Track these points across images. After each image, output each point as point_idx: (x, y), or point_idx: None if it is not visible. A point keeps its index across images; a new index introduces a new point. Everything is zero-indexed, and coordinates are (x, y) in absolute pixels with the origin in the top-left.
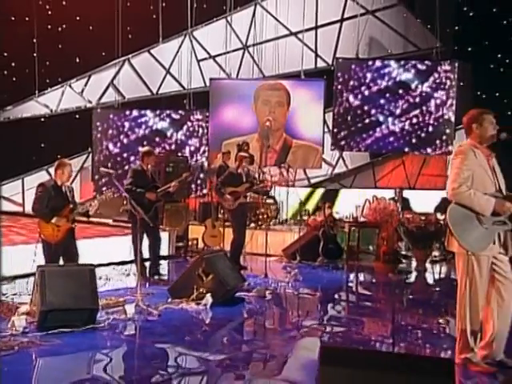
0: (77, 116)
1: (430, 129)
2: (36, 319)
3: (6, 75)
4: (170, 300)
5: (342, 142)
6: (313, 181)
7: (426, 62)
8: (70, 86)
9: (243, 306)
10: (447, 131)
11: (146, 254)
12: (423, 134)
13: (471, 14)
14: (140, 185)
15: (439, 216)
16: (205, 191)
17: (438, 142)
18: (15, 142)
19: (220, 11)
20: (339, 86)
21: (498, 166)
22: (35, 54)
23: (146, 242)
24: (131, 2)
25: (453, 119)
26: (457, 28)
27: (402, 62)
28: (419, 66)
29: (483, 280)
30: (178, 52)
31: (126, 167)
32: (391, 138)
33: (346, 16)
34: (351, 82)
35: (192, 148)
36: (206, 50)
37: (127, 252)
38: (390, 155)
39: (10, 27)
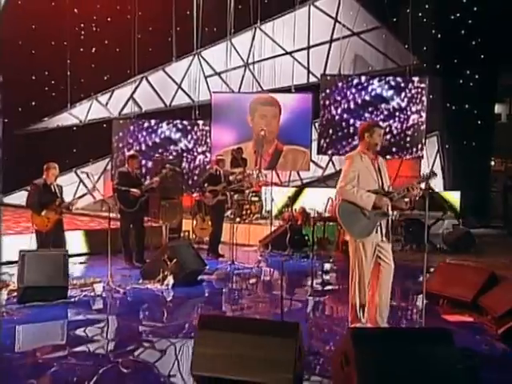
0: (104, 125)
1: (404, 136)
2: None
3: (47, 91)
4: (140, 281)
5: (327, 148)
6: (305, 181)
7: (400, 77)
8: (96, 99)
9: (201, 286)
10: (419, 138)
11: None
12: (401, 142)
13: (443, 36)
14: (126, 184)
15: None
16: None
17: (411, 147)
18: (51, 147)
19: (224, 34)
20: (324, 99)
21: (385, 168)
22: (68, 73)
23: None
24: (152, 27)
25: (424, 128)
26: (431, 47)
27: (379, 78)
28: (394, 82)
29: (368, 262)
30: (188, 69)
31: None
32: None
33: (334, 37)
34: (335, 96)
35: (196, 153)
36: (212, 67)
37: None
38: None
39: (51, 50)
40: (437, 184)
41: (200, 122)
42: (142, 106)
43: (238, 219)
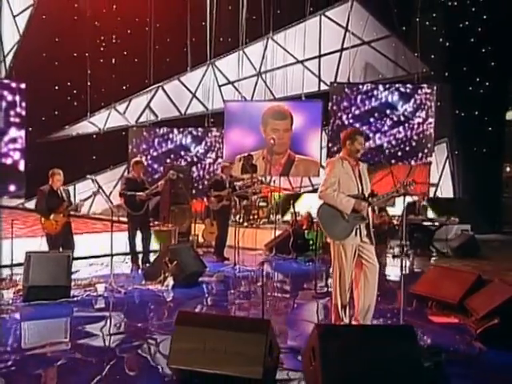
0: (123, 133)
1: (413, 143)
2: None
3: (69, 100)
4: (143, 282)
5: (337, 154)
6: (316, 187)
7: (409, 85)
8: (114, 108)
9: (201, 287)
10: (427, 145)
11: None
12: (407, 148)
13: (452, 44)
14: (132, 189)
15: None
16: None
17: (419, 154)
18: (72, 155)
19: (238, 44)
20: (334, 107)
21: (366, 173)
22: (89, 83)
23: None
24: (170, 38)
25: (432, 134)
26: (440, 55)
27: (388, 86)
28: (402, 89)
29: (349, 264)
30: (202, 79)
31: (156, 176)
32: (377, 151)
33: (345, 46)
34: (344, 103)
35: (209, 160)
36: (225, 76)
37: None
38: (380, 165)
39: (73, 61)
40: (446, 189)
41: (213, 130)
42: (157, 114)
43: (245, 224)
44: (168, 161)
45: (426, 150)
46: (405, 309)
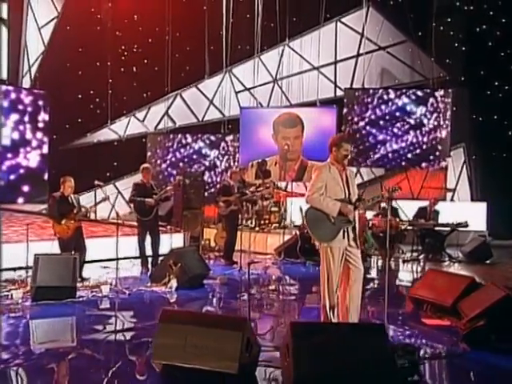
0: (143, 140)
1: (428, 148)
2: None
3: (92, 108)
4: (149, 284)
5: (350, 160)
6: None
7: (424, 90)
8: (134, 115)
9: (204, 289)
10: (443, 150)
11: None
12: (422, 153)
13: (470, 48)
14: (141, 194)
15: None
16: None
17: (433, 158)
18: (94, 161)
19: (253, 51)
20: (348, 113)
21: (353, 178)
22: (110, 91)
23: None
24: (190, 47)
25: (448, 139)
26: (457, 60)
27: (403, 91)
28: (418, 94)
29: (336, 266)
30: (219, 86)
31: (172, 180)
32: (393, 156)
33: (361, 52)
34: (358, 109)
35: (224, 166)
36: (242, 83)
37: (134, 248)
38: (395, 170)
39: (96, 71)
40: (463, 194)
41: (229, 136)
42: (175, 121)
43: (256, 228)
44: (181, 165)
45: (441, 155)
46: (402, 312)
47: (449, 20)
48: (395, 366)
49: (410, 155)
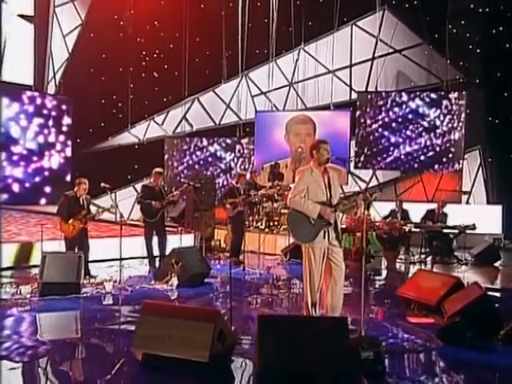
0: (163, 143)
1: (441, 150)
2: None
3: (114, 113)
4: (152, 282)
5: (364, 162)
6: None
7: (438, 92)
8: (153, 119)
9: (204, 287)
10: (456, 152)
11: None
12: (434, 154)
13: (486, 50)
14: (150, 197)
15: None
16: None
17: (447, 161)
18: (115, 164)
19: (271, 56)
20: (361, 116)
21: (335, 181)
22: (131, 96)
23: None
24: (209, 51)
25: (462, 142)
26: (473, 62)
27: (417, 94)
28: (431, 97)
29: (318, 265)
30: (236, 90)
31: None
32: (406, 158)
33: (376, 55)
34: (371, 111)
35: (240, 168)
36: (258, 87)
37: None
38: (409, 173)
39: (118, 76)
40: (479, 197)
41: (244, 139)
42: (193, 125)
43: (266, 230)
44: (193, 170)
45: (454, 158)
46: (389, 310)
47: (465, 22)
48: (353, 357)
49: (423, 158)
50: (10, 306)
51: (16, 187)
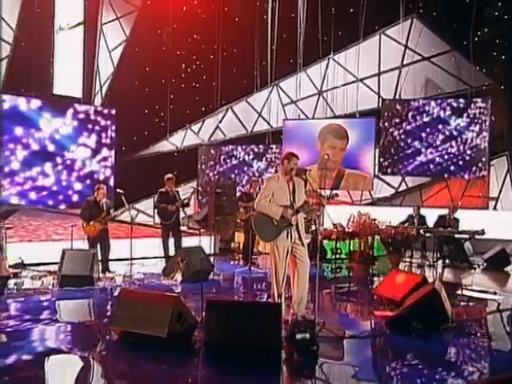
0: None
1: (466, 157)
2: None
3: (157, 122)
4: (161, 277)
5: (388, 169)
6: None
7: (462, 99)
8: (190, 128)
9: (206, 283)
10: (482, 159)
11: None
12: (460, 162)
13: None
14: (164, 201)
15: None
16: None
17: (473, 168)
18: (156, 170)
19: (301, 65)
20: (385, 123)
21: (300, 188)
22: (171, 106)
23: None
24: (246, 62)
25: (487, 148)
26: (501, 68)
27: (442, 100)
28: (455, 104)
29: (281, 260)
30: (267, 99)
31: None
32: (431, 165)
33: (405, 63)
34: (395, 119)
35: (269, 175)
36: (289, 96)
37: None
38: (435, 179)
39: (161, 87)
40: (507, 203)
41: (273, 147)
42: (226, 133)
43: None
44: (232, 176)
45: (480, 164)
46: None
47: (494, 29)
48: (277, 336)
49: (448, 164)
50: (34, 295)
51: (65, 193)
